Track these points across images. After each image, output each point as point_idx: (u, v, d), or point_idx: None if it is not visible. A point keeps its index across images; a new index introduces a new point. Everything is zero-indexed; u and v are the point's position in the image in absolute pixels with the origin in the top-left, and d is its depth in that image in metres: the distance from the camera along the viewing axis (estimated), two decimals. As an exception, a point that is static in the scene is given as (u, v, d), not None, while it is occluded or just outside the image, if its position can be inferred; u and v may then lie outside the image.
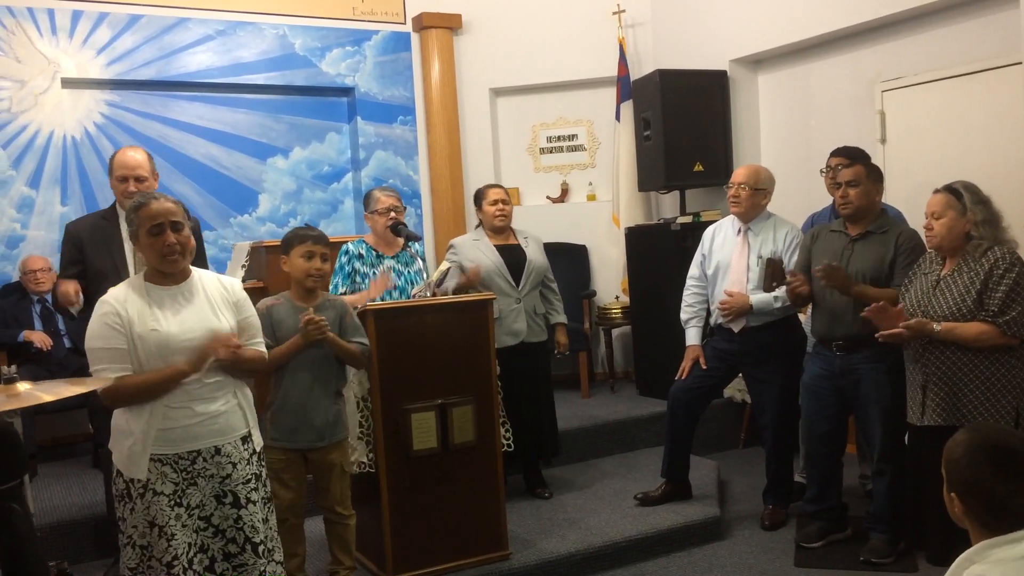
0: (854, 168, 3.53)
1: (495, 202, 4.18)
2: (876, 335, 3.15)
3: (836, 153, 4.07)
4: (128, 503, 2.45)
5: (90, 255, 3.40)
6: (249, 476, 2.56)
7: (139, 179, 3.43)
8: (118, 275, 3.32)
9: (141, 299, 2.46)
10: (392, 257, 3.82)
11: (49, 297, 4.91)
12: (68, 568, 3.20)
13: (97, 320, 2.43)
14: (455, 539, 3.34)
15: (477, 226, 4.36)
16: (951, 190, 3.13)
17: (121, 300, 2.44)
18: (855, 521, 3.75)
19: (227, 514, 2.51)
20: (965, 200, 3.08)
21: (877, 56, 4.80)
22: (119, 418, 2.50)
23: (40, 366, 4.62)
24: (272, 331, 2.97)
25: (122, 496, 2.46)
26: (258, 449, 2.64)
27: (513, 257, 4.17)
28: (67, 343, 4.88)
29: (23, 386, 2.19)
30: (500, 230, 4.22)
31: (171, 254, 2.46)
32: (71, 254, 3.42)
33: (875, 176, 3.53)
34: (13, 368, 2.20)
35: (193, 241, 2.55)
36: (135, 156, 3.48)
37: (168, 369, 2.41)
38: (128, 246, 3.42)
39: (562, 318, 4.38)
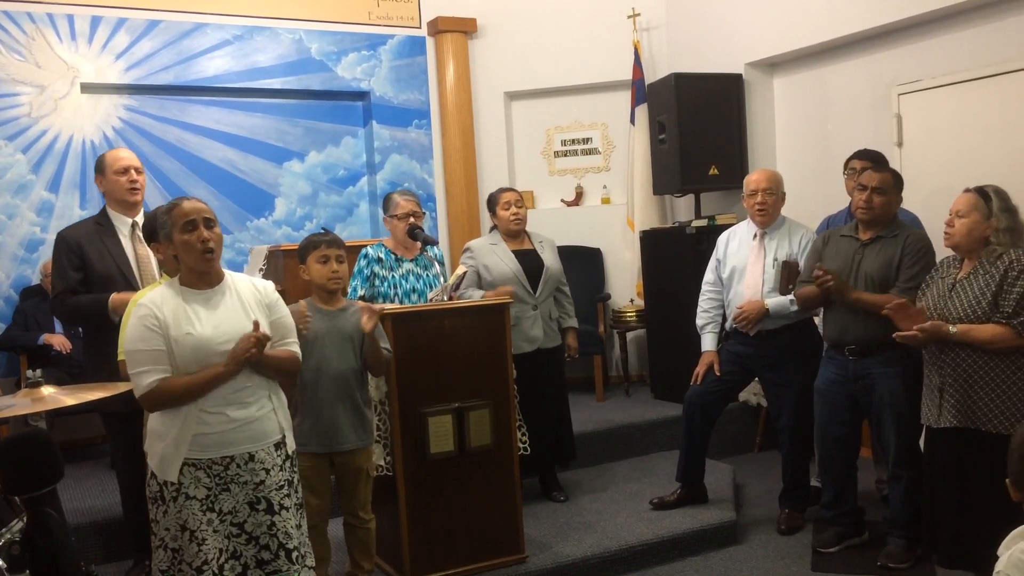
0: (882, 175, 3.48)
1: (509, 205, 4.16)
2: (893, 336, 3.12)
3: (858, 155, 4.02)
4: (161, 505, 2.47)
5: (92, 261, 3.37)
6: (282, 482, 2.56)
7: (138, 169, 3.54)
8: (125, 279, 3.34)
9: (176, 302, 2.48)
10: (411, 260, 3.83)
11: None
12: (94, 570, 3.22)
13: (136, 323, 2.45)
14: (472, 542, 3.36)
15: (492, 229, 4.32)
16: (981, 192, 3.10)
17: (158, 303, 2.46)
18: (872, 526, 3.75)
19: (260, 520, 2.51)
20: (992, 205, 3.05)
21: (894, 59, 4.78)
22: (154, 420, 2.51)
23: (59, 369, 4.66)
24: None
25: (155, 498, 2.48)
26: (291, 454, 2.64)
27: (531, 263, 4.15)
28: (86, 346, 4.91)
29: (47, 390, 2.23)
30: (516, 234, 4.20)
31: (207, 251, 2.47)
32: (72, 261, 3.37)
33: (900, 186, 3.52)
34: (38, 372, 2.23)
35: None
36: (126, 150, 3.69)
37: (209, 371, 2.43)
38: (129, 249, 3.43)
39: (573, 322, 4.34)
